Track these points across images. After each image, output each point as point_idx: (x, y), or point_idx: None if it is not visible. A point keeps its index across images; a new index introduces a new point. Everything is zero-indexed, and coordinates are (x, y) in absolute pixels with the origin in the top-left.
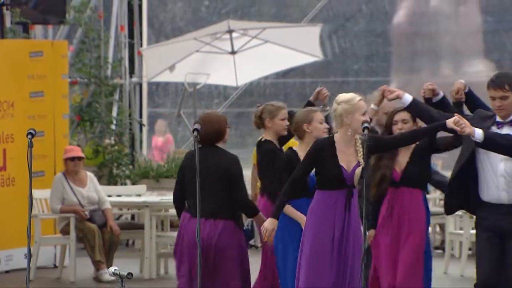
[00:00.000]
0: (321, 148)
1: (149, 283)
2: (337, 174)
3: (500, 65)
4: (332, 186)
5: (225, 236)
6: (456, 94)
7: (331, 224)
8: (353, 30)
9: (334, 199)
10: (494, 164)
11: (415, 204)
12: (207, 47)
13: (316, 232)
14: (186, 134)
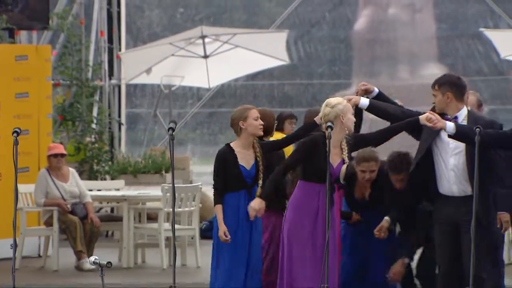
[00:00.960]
0: (315, 144)
1: (127, 271)
2: (326, 169)
3: (453, 69)
4: (318, 179)
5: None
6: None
7: (314, 213)
8: (317, 36)
9: (318, 190)
10: (445, 158)
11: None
12: (181, 51)
13: (296, 226)
14: (161, 133)
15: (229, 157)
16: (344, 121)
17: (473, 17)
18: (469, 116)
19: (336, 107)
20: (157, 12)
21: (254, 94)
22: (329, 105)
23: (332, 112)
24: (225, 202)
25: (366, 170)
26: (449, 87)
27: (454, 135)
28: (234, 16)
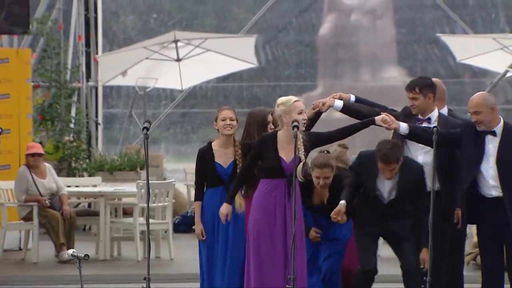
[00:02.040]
0: (263, 141)
1: (104, 263)
2: (277, 164)
3: (412, 72)
4: (272, 175)
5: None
6: (313, 109)
7: (272, 209)
8: (284, 41)
9: (274, 185)
10: (414, 156)
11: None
12: (155, 55)
13: (258, 220)
14: (136, 132)
15: (206, 155)
16: (287, 120)
17: (430, 22)
18: (439, 119)
19: (279, 107)
20: (132, 18)
21: (225, 95)
22: (276, 104)
23: (277, 111)
24: (204, 198)
25: (320, 177)
26: (430, 90)
27: (407, 135)
28: (205, 21)
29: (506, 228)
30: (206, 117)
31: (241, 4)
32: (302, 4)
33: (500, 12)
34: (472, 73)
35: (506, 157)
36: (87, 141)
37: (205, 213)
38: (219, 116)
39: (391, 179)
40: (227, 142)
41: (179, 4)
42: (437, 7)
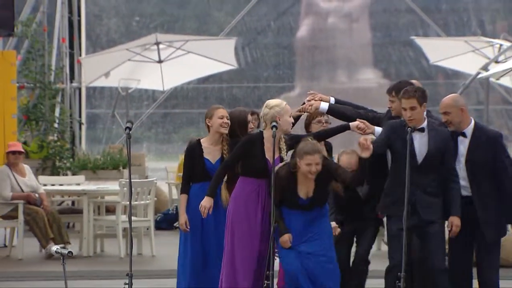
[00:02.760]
0: (249, 141)
1: (87, 260)
2: (263, 165)
3: (387, 73)
4: (256, 175)
5: None
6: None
7: (254, 209)
8: (263, 43)
9: (257, 185)
10: None
11: None
12: (137, 56)
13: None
14: (119, 132)
15: (196, 151)
16: (281, 122)
17: (404, 26)
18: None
19: (273, 109)
20: (115, 21)
21: (205, 96)
22: (268, 106)
23: (270, 113)
24: (192, 192)
25: (311, 163)
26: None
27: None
28: (186, 24)
29: (476, 227)
30: (187, 117)
31: (221, 7)
32: (280, 8)
33: (472, 16)
34: (445, 74)
35: (475, 157)
36: (71, 140)
37: (194, 208)
38: (215, 114)
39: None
40: (218, 139)
41: (160, 7)
42: (411, 11)
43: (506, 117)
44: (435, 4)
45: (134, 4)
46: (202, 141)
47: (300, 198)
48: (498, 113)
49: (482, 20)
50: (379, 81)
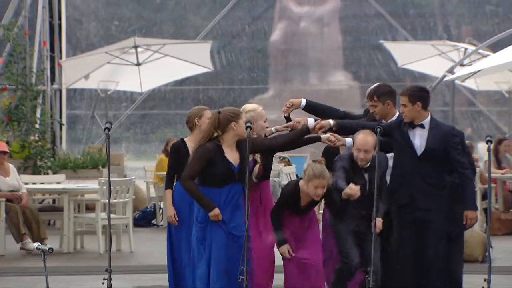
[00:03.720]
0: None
1: (67, 256)
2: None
3: (357, 76)
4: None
5: None
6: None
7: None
8: (238, 46)
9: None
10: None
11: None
12: (116, 59)
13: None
14: (98, 132)
15: (181, 149)
16: (254, 126)
17: (374, 30)
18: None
19: (249, 113)
20: (94, 25)
21: (182, 97)
22: (244, 110)
23: (245, 116)
24: (176, 189)
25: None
26: (388, 97)
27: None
28: (163, 28)
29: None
30: (164, 118)
31: (197, 12)
32: (254, 12)
33: (438, 21)
34: (413, 77)
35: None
36: (52, 140)
37: (177, 205)
38: (204, 115)
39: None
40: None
41: (138, 12)
42: (380, 16)
43: (471, 118)
44: (403, 9)
45: (113, 9)
46: (186, 140)
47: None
48: (463, 114)
49: (448, 25)
50: (349, 83)
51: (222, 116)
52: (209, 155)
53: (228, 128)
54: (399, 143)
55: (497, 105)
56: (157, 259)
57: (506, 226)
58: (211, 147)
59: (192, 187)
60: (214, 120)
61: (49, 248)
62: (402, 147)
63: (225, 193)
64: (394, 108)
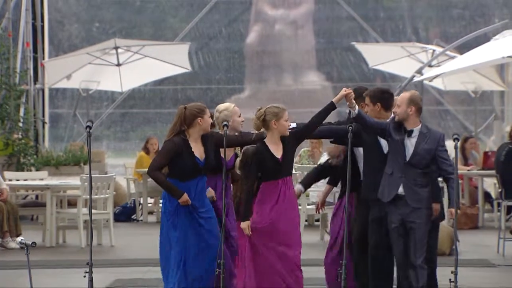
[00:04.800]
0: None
1: (50, 250)
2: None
3: (330, 77)
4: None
5: None
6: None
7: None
8: (215, 48)
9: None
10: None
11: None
12: (97, 60)
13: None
14: (80, 130)
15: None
16: (230, 123)
17: (346, 32)
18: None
19: (222, 113)
20: (76, 26)
21: (161, 97)
22: (218, 110)
23: (220, 116)
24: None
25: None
26: (378, 99)
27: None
28: (143, 30)
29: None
30: (144, 117)
31: (175, 14)
32: (231, 15)
33: (407, 24)
34: (383, 77)
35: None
36: (35, 138)
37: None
38: (207, 113)
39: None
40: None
41: (119, 14)
42: (351, 19)
43: (439, 117)
44: (373, 13)
45: (94, 11)
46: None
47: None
48: (432, 113)
49: (416, 27)
50: (322, 84)
51: (188, 111)
52: (176, 149)
53: (194, 123)
54: (367, 143)
55: (463, 104)
56: (137, 253)
57: (472, 220)
58: (177, 141)
59: (159, 177)
60: (181, 115)
61: (32, 242)
62: (370, 146)
63: (194, 186)
64: (385, 113)
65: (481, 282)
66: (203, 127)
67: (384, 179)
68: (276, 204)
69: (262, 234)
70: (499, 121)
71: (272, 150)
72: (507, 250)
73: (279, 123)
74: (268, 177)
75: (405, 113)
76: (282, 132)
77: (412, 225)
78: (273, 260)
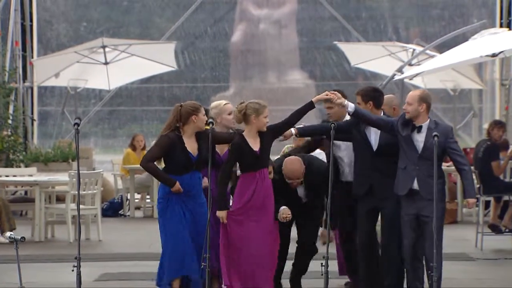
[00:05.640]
0: (173, 141)
1: (39, 244)
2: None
3: (312, 75)
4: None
5: None
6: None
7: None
8: (201, 47)
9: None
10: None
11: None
12: (85, 59)
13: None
14: (68, 127)
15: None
16: (219, 120)
17: (328, 32)
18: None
19: (212, 111)
20: (64, 26)
21: (147, 95)
22: (211, 108)
23: (210, 113)
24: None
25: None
26: (370, 98)
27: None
28: (130, 29)
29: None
30: (131, 115)
31: (162, 14)
32: (216, 15)
33: (388, 23)
34: (365, 76)
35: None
36: (24, 135)
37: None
38: (201, 111)
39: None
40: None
41: (106, 14)
42: (334, 19)
43: None
44: (355, 13)
45: (82, 11)
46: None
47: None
48: None
49: (397, 27)
50: (305, 82)
51: (183, 109)
52: (170, 143)
53: (189, 121)
54: (357, 140)
55: (442, 102)
56: (124, 247)
57: (452, 215)
58: (172, 136)
59: (152, 167)
60: (176, 112)
61: (21, 237)
62: (360, 143)
63: (187, 180)
64: (377, 110)
65: (460, 275)
66: (197, 125)
67: (398, 173)
68: (252, 195)
69: (237, 222)
70: (477, 118)
71: (250, 143)
72: (485, 244)
73: (258, 119)
74: (246, 169)
75: (416, 111)
76: (260, 128)
77: (425, 219)
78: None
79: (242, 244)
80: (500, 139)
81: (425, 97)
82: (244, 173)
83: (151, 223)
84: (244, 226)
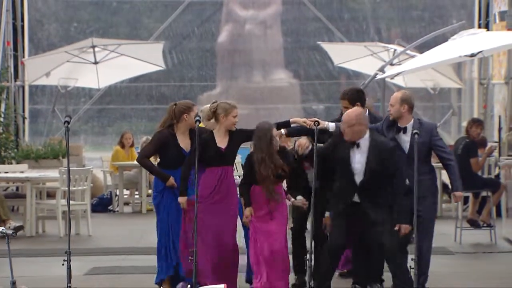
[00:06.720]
0: (166, 137)
1: (30, 239)
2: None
3: (297, 74)
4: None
5: None
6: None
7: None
8: (188, 47)
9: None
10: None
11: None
12: (75, 58)
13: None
14: (59, 125)
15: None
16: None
17: (312, 32)
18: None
19: (203, 112)
20: (55, 26)
21: (136, 94)
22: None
23: (202, 114)
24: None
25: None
26: (357, 99)
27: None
28: (119, 29)
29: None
30: (120, 113)
31: (150, 15)
32: (203, 16)
33: (370, 24)
34: (347, 75)
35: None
36: (15, 133)
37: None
38: (194, 110)
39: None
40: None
41: (96, 14)
42: (317, 19)
43: None
44: (338, 14)
45: (72, 11)
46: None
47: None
48: None
49: (379, 28)
50: (290, 81)
51: (177, 108)
52: (163, 140)
53: (182, 119)
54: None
55: (423, 100)
56: (113, 242)
57: None
58: (165, 133)
59: (147, 163)
60: (171, 111)
61: (13, 232)
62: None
63: (179, 175)
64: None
65: (439, 269)
66: (189, 122)
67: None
68: (214, 190)
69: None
70: (456, 117)
71: (217, 140)
72: (464, 238)
73: (227, 118)
74: (210, 164)
75: (398, 112)
76: (228, 127)
77: (419, 213)
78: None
79: (206, 231)
80: (478, 136)
81: (406, 98)
82: (208, 168)
83: (139, 218)
84: (206, 216)
